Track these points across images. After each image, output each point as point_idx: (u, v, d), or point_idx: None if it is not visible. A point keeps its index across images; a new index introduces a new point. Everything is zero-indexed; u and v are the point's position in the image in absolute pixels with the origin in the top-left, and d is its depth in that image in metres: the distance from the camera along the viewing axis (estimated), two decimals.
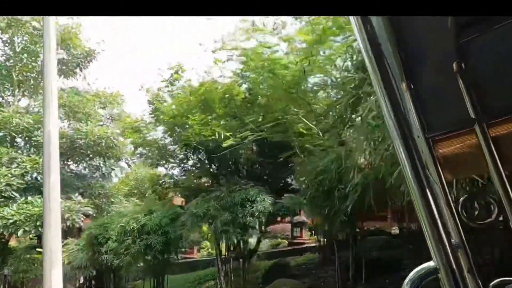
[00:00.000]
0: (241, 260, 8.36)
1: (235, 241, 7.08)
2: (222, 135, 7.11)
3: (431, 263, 0.71)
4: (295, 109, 7.33)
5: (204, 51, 8.28)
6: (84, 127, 12.95)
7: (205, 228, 7.23)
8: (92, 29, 34.07)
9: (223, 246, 8.21)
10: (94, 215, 12.50)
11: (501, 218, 0.79)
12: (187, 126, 8.34)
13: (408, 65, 0.84)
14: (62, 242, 9.28)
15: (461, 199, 0.82)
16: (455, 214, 0.79)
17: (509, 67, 0.79)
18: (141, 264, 8.17)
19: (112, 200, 14.26)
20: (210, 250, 15.31)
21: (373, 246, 7.69)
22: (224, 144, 6.96)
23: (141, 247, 6.86)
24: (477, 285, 0.75)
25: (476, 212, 0.80)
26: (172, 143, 10.43)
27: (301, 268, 9.32)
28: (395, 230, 10.79)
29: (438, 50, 0.83)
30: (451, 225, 0.79)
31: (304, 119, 7.19)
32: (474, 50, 0.80)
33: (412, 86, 0.86)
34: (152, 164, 11.85)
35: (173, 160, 10.99)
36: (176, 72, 9.84)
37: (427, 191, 0.66)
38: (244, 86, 8.80)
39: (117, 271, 8.90)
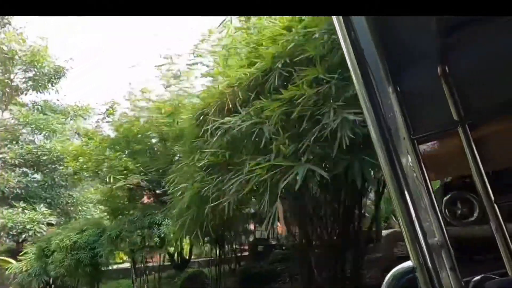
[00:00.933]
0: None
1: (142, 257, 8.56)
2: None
3: (409, 263, 0.72)
4: None
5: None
6: (48, 144, 13.84)
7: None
8: (61, 47, 35.16)
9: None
10: (61, 223, 13.05)
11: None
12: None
13: (394, 69, 0.85)
14: (22, 251, 10.34)
15: (445, 199, 0.85)
16: (439, 213, 0.80)
17: (491, 71, 0.81)
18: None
19: (80, 208, 14.95)
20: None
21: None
22: None
23: (72, 261, 8.30)
24: (459, 283, 0.76)
25: (459, 212, 0.83)
26: None
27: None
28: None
29: (423, 54, 0.86)
30: (434, 224, 0.81)
31: None
32: (458, 54, 0.83)
33: (398, 89, 0.88)
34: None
35: None
36: (111, 107, 10.28)
37: (405, 192, 0.67)
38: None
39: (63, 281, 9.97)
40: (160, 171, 7.81)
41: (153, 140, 9.15)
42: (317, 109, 2.52)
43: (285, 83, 2.96)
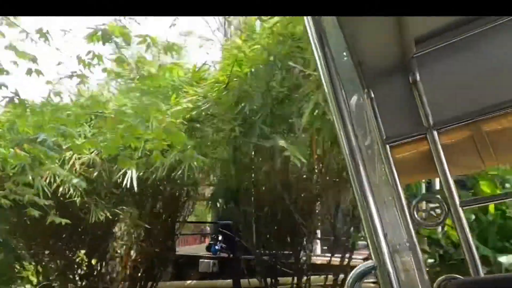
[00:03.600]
0: None
1: None
2: None
3: (371, 262, 0.75)
4: None
5: None
6: None
7: None
8: None
9: None
10: None
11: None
12: None
13: (369, 75, 0.89)
14: None
15: (414, 201, 0.88)
16: (407, 216, 0.85)
17: (459, 80, 0.87)
18: None
19: None
20: None
21: None
22: None
23: None
24: (425, 283, 0.80)
25: (425, 214, 0.87)
26: None
27: None
28: None
29: (396, 62, 0.90)
30: (403, 226, 0.84)
31: None
32: (429, 64, 0.87)
33: (372, 95, 0.92)
34: None
35: None
36: None
37: (368, 193, 0.70)
38: None
39: None
40: None
41: None
42: None
43: None
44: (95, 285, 4.61)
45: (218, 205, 5.36)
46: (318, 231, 4.66)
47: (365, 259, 3.30)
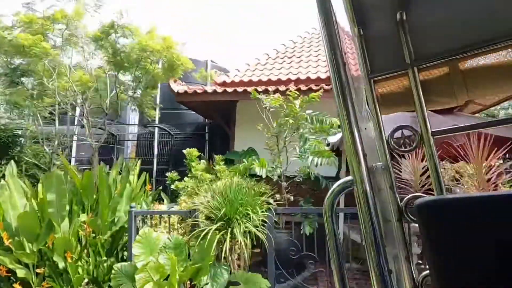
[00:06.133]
0: None
1: None
2: None
3: (350, 178, 0.85)
4: None
5: None
6: None
7: None
8: None
9: None
10: None
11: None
12: None
13: (359, 12, 0.92)
14: None
15: (391, 130, 0.96)
16: (385, 142, 0.94)
17: (443, 18, 0.90)
18: None
19: None
20: None
21: None
22: None
23: None
24: (396, 200, 0.90)
25: (402, 141, 0.95)
26: None
27: None
28: None
29: (385, 0, 0.92)
30: (380, 151, 0.94)
31: None
32: (415, 1, 0.90)
33: (361, 32, 0.96)
34: None
35: None
36: None
37: (352, 118, 0.79)
38: None
39: None
40: None
41: None
42: None
43: None
44: None
45: None
46: None
47: None
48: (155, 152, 10.92)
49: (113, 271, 3.87)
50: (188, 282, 3.88)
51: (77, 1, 8.12)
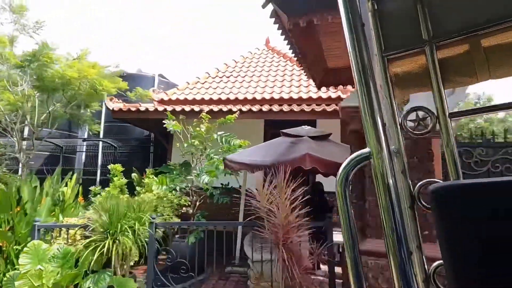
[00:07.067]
0: None
1: None
2: None
3: (366, 149, 0.76)
4: None
5: None
6: None
7: None
8: None
9: None
10: None
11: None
12: None
13: None
14: None
15: (404, 111, 0.88)
16: (398, 124, 0.85)
17: None
18: None
19: None
20: None
21: None
22: None
23: None
24: (408, 184, 0.80)
25: (416, 124, 0.87)
26: None
27: None
28: None
29: None
30: (394, 134, 0.84)
31: None
32: None
33: (376, 7, 0.88)
34: None
35: None
36: None
37: (372, 93, 0.75)
38: None
39: None
40: None
41: None
42: None
43: None
44: None
45: None
46: None
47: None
48: (99, 164, 11.43)
49: (5, 278, 4.45)
50: (72, 286, 4.52)
51: (16, 23, 8.62)
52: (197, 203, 6.67)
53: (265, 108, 8.45)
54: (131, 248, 4.76)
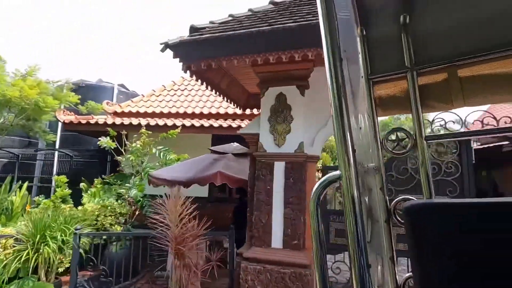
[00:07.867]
0: None
1: None
2: None
3: (337, 172, 0.80)
4: None
5: None
6: None
7: None
8: None
9: None
10: None
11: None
12: None
13: (363, 12, 0.91)
14: None
15: (386, 132, 0.93)
16: (379, 144, 0.89)
17: (446, 24, 0.89)
18: None
19: None
20: None
21: None
22: None
23: None
24: (384, 201, 0.86)
25: (396, 144, 0.92)
26: None
27: None
28: None
29: (390, 3, 0.93)
30: (374, 152, 0.89)
31: None
32: (421, 5, 0.90)
33: (364, 33, 0.93)
34: None
35: None
36: None
37: (344, 113, 0.77)
38: None
39: None
40: None
41: None
42: None
43: None
44: None
45: None
46: None
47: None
48: (54, 172, 11.71)
49: None
50: None
51: None
52: (137, 212, 7.19)
53: (207, 123, 9.00)
54: (53, 257, 5.25)
